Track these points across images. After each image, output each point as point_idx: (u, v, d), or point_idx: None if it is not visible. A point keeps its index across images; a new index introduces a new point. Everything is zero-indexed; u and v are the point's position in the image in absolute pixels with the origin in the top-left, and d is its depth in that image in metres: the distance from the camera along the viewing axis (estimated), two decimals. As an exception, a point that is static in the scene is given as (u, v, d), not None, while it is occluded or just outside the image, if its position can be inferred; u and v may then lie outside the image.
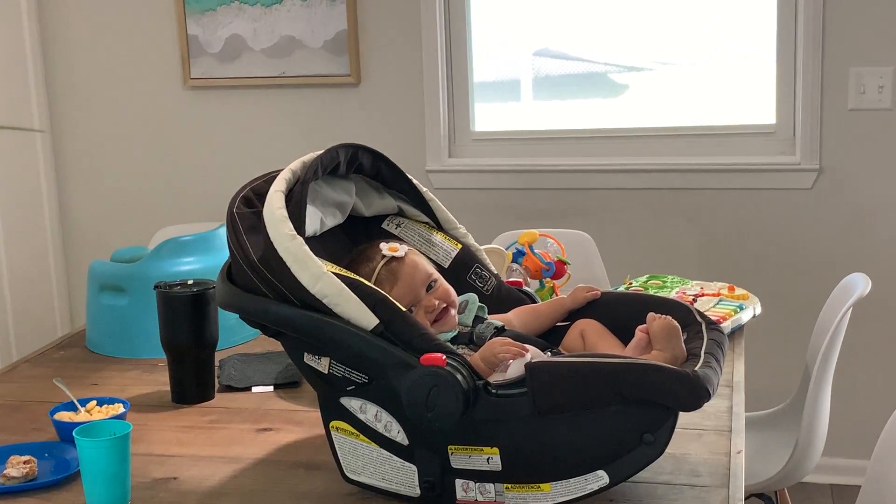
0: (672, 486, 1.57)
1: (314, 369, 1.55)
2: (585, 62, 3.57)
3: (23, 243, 3.60)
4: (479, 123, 3.57)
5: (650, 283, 2.44)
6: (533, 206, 3.46)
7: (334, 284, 1.50)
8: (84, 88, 3.74)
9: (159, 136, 3.72)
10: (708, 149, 3.37)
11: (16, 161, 3.58)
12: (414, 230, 1.83)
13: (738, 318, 2.24)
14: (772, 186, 3.30)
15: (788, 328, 3.29)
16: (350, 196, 1.77)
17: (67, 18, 3.71)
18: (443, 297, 1.68)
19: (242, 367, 2.17)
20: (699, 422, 1.80)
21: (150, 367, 2.22)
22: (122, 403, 1.90)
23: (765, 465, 2.38)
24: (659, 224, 3.39)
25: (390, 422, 1.52)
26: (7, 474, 1.65)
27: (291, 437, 1.83)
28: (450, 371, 1.44)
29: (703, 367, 1.45)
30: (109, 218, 3.80)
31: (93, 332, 2.38)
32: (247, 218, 1.60)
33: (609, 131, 3.47)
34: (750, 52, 3.37)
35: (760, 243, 3.33)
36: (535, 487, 1.48)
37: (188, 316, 1.99)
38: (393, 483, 1.54)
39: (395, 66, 3.50)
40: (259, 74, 3.59)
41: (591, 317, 1.72)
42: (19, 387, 2.15)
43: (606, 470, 1.46)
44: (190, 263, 2.34)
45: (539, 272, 2.45)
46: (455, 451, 1.49)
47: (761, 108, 3.35)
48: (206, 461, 1.74)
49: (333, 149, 1.69)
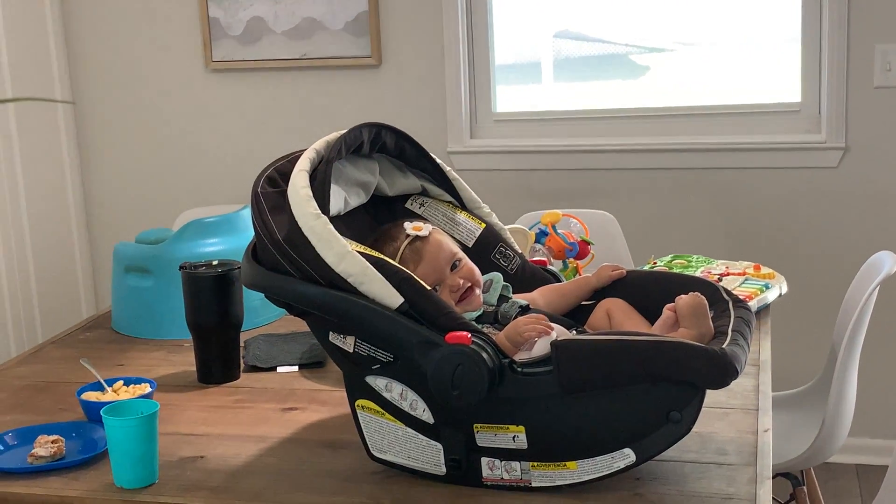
0: (699, 464, 1.57)
1: (339, 348, 1.55)
2: (606, 43, 3.55)
3: (48, 227, 3.62)
4: (500, 105, 3.55)
5: (675, 263, 2.43)
6: (555, 187, 3.45)
7: (359, 263, 1.50)
8: (107, 73, 3.75)
9: (182, 119, 3.73)
10: (733, 128, 3.35)
11: (40, 146, 3.59)
12: (437, 209, 1.83)
13: (764, 298, 2.23)
14: (797, 165, 3.27)
15: (815, 307, 3.27)
16: (373, 175, 1.77)
17: (89, 4, 3.71)
18: (467, 276, 1.67)
19: (267, 347, 2.18)
20: (725, 401, 1.79)
21: (176, 348, 2.23)
22: (149, 383, 1.91)
23: (791, 445, 2.37)
24: (684, 204, 3.37)
25: (416, 400, 1.52)
26: (35, 454, 1.66)
27: (317, 417, 1.84)
28: (475, 349, 1.44)
29: (731, 345, 1.45)
30: (133, 201, 3.81)
31: (118, 314, 2.40)
32: (271, 197, 1.60)
33: (633, 111, 3.45)
34: (773, 30, 3.34)
35: (786, 222, 3.31)
36: (561, 466, 1.48)
37: (213, 296, 2.00)
38: (419, 461, 1.55)
39: (417, 47, 3.49)
40: (280, 57, 3.59)
41: (616, 296, 1.72)
42: (46, 368, 2.17)
43: (633, 448, 1.45)
44: (214, 245, 2.35)
45: (562, 252, 2.44)
46: (481, 430, 1.49)
47: (786, 87, 3.32)
48: (233, 440, 1.75)
49: (357, 128, 1.68)
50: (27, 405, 1.96)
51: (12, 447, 1.73)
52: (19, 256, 3.47)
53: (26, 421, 1.85)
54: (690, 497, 1.47)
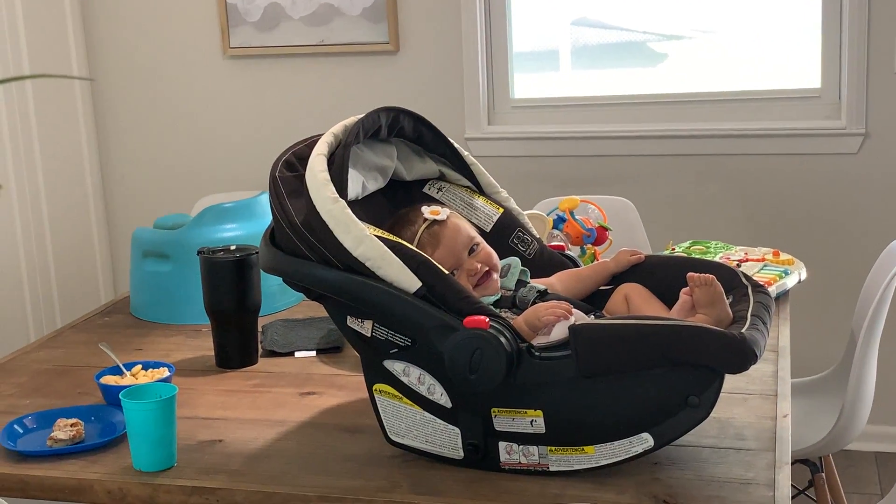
0: (717, 449, 1.56)
1: (357, 332, 1.55)
2: (624, 31, 3.53)
3: (66, 213, 3.63)
4: (517, 92, 3.54)
5: (693, 249, 2.42)
6: (573, 174, 3.43)
7: (377, 247, 1.50)
8: (124, 60, 3.76)
9: (199, 105, 3.73)
10: (752, 114, 3.33)
11: (58, 133, 3.60)
12: (455, 194, 1.82)
13: (783, 284, 2.22)
14: (817, 151, 3.25)
15: (834, 294, 3.25)
16: (391, 160, 1.77)
17: (107, -12, 3.72)
18: (485, 260, 1.67)
19: (285, 332, 2.18)
20: (744, 386, 1.78)
21: (194, 333, 2.24)
22: (167, 367, 1.92)
23: (809, 432, 2.36)
24: (702, 190, 3.36)
25: (433, 384, 1.52)
26: (54, 437, 1.67)
27: (334, 401, 1.84)
28: (493, 333, 1.44)
29: (750, 330, 1.44)
30: (151, 186, 3.82)
31: (137, 298, 2.40)
32: (289, 181, 1.60)
33: (650, 97, 3.43)
34: (792, 16, 3.32)
35: (805, 209, 3.29)
36: (579, 450, 1.48)
37: (231, 281, 2.00)
38: (436, 445, 1.55)
39: (434, 33, 3.48)
40: (298, 43, 3.58)
41: (634, 281, 1.71)
42: (65, 352, 2.18)
43: (651, 433, 1.45)
44: (232, 230, 2.35)
45: (580, 238, 2.44)
46: (498, 414, 1.49)
47: (806, 73, 3.30)
48: (251, 424, 1.75)
49: (375, 112, 1.68)
50: (47, 389, 1.97)
51: (32, 430, 1.74)
52: (38, 242, 3.48)
53: (46, 404, 1.86)
54: (709, 482, 1.47)
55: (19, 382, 2.01)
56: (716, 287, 1.53)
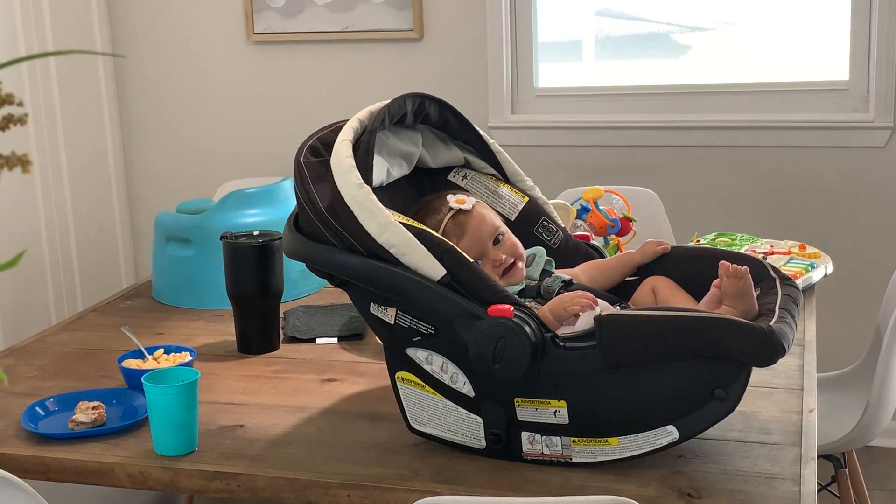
0: (742, 443, 1.55)
1: (380, 319, 1.54)
2: (647, 22, 3.50)
3: (89, 196, 3.64)
4: (541, 82, 3.52)
5: (719, 241, 2.40)
6: (597, 164, 3.41)
7: (401, 234, 1.49)
8: (149, 45, 3.76)
9: (223, 90, 3.73)
10: (779, 106, 3.30)
11: (82, 116, 3.61)
12: (480, 182, 1.81)
13: (809, 277, 2.19)
14: (844, 144, 3.21)
15: (860, 288, 3.22)
16: (416, 147, 1.76)
17: (132, -28, 3.72)
18: (510, 250, 1.66)
19: (307, 318, 2.17)
20: (769, 380, 1.76)
21: (216, 318, 2.23)
22: (189, 352, 1.92)
23: (833, 427, 2.34)
24: (727, 182, 3.33)
25: (456, 373, 1.51)
26: (76, 419, 1.67)
27: (356, 388, 1.83)
28: (518, 323, 1.42)
29: (779, 323, 1.42)
30: (174, 172, 3.82)
31: (159, 283, 2.40)
32: (314, 167, 1.59)
33: (676, 87, 3.40)
34: (819, 7, 3.28)
35: (832, 202, 3.26)
36: (602, 441, 1.46)
37: (254, 266, 1.99)
38: (458, 434, 1.54)
39: (459, 20, 3.46)
40: (322, 29, 3.57)
41: (660, 272, 1.69)
42: (87, 335, 2.18)
43: (676, 425, 1.44)
44: (255, 215, 2.35)
45: (604, 229, 2.42)
46: (521, 404, 1.48)
47: (833, 65, 3.26)
48: (272, 410, 1.75)
49: (400, 98, 1.67)
50: (69, 371, 1.97)
51: (53, 412, 1.75)
52: (60, 225, 3.49)
53: (68, 387, 1.86)
54: (733, 476, 1.45)
55: (41, 365, 2.01)
56: (747, 280, 1.51)
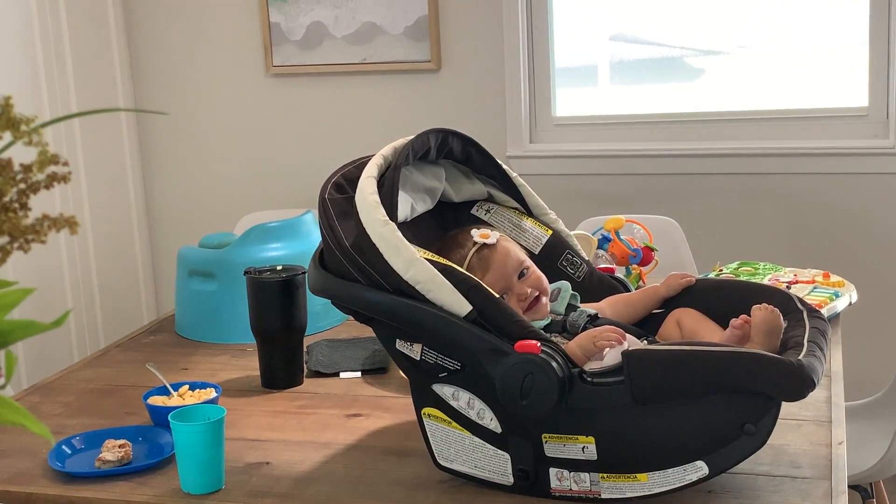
0: (772, 477, 1.53)
1: (406, 356, 1.54)
2: (661, 46, 3.51)
3: (110, 230, 3.65)
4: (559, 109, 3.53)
5: (741, 270, 2.39)
6: (617, 192, 3.41)
7: (427, 270, 1.49)
8: (168, 77, 3.78)
9: (242, 123, 3.75)
10: (798, 132, 3.29)
11: (103, 150, 3.63)
12: (504, 216, 1.81)
13: (834, 306, 2.18)
14: (865, 171, 3.21)
15: (885, 316, 3.20)
16: (440, 181, 1.76)
17: (151, 9, 3.75)
18: (535, 284, 1.65)
19: (330, 352, 2.17)
20: (797, 412, 1.75)
21: (240, 353, 2.24)
22: (214, 388, 1.92)
23: (860, 457, 2.32)
24: (748, 209, 3.32)
25: (483, 409, 1.50)
26: (103, 458, 1.67)
27: (381, 423, 1.83)
28: (545, 358, 1.42)
29: (808, 356, 1.41)
30: (194, 205, 3.84)
31: (182, 317, 2.41)
32: (338, 203, 1.59)
33: (694, 115, 3.40)
34: (835, 33, 3.28)
35: (853, 229, 3.24)
36: (631, 477, 1.46)
37: (278, 301, 2.00)
38: (486, 471, 1.53)
39: (476, 51, 3.48)
40: (340, 61, 3.59)
41: (685, 304, 1.69)
42: (111, 371, 2.18)
43: (706, 460, 1.43)
44: (277, 249, 2.35)
45: (626, 258, 2.42)
46: (549, 440, 1.47)
47: (851, 91, 3.26)
48: (298, 446, 1.75)
49: (424, 134, 1.67)
50: (94, 408, 1.97)
51: (80, 451, 1.75)
52: (82, 260, 3.50)
53: (93, 424, 1.86)
54: (764, 511, 1.44)
55: (66, 402, 2.01)
56: (779, 318, 1.50)
